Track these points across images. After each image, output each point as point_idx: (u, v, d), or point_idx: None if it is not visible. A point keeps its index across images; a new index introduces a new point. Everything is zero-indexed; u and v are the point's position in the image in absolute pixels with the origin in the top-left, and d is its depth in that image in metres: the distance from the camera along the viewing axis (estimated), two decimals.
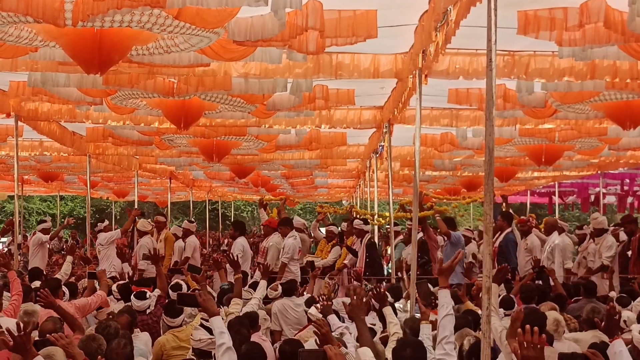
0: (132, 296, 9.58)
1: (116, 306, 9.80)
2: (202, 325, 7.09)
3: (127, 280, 11.53)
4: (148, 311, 9.57)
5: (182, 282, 10.58)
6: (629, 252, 14.53)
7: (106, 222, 18.65)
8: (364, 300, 6.31)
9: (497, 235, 14.34)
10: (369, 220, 15.65)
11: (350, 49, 8.50)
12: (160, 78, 10.01)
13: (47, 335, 6.73)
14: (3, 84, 11.42)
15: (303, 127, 13.58)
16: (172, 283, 10.44)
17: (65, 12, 6.21)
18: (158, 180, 27.48)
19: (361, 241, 15.14)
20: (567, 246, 15.00)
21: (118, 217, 38.98)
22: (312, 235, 19.46)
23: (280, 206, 18.99)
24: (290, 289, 10.89)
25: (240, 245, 14.86)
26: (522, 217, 17.48)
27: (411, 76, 9.35)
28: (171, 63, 8.29)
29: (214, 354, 6.54)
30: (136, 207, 18.65)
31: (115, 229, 18.50)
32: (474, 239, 16.95)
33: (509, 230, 14.41)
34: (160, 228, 17.22)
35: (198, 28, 6.87)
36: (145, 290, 9.86)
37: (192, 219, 20.07)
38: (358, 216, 17.71)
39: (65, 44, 7.18)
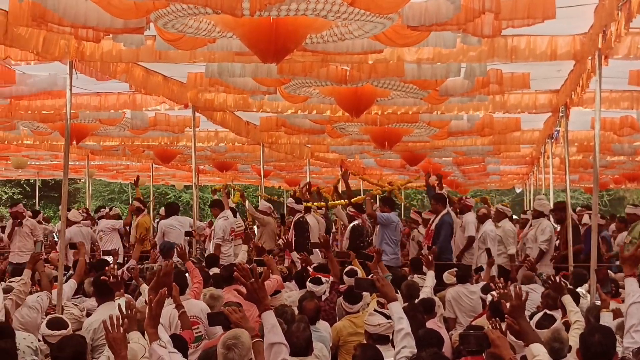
0: (307, 282, 9.66)
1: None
2: (376, 310, 7.11)
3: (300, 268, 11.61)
4: (324, 297, 9.64)
5: (356, 268, 10.61)
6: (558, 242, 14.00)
7: (107, 209, 18.34)
8: (523, 299, 6.10)
9: (434, 218, 13.95)
10: (301, 200, 15.62)
11: (526, 31, 8.29)
12: (333, 66, 10.07)
13: (222, 308, 6.90)
14: (181, 76, 11.78)
15: (476, 113, 13.38)
16: (346, 269, 10.47)
17: (243, 2, 6.30)
18: (329, 169, 27.73)
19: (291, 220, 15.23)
20: (508, 232, 14.13)
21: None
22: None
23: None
24: (464, 276, 10.76)
25: (161, 226, 14.66)
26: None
27: (590, 58, 9.05)
28: (344, 50, 8.31)
29: (391, 339, 6.54)
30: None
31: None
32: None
33: (444, 212, 13.74)
34: (137, 214, 17.18)
35: (372, 14, 6.85)
36: (320, 276, 9.93)
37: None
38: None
39: (242, 34, 7.29)
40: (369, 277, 8.60)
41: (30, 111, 13.41)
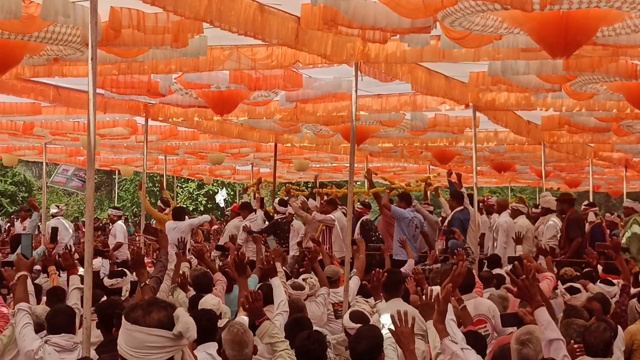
0: (597, 283, 9.40)
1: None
2: None
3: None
4: (614, 300, 9.32)
5: None
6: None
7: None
8: None
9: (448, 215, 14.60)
10: (287, 203, 15.93)
11: None
12: (623, 60, 9.67)
13: (516, 309, 6.84)
14: (462, 76, 11.73)
15: None
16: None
17: None
18: (612, 170, 26.75)
19: None
20: (520, 228, 13.74)
21: None
22: None
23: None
24: None
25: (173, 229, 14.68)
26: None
27: None
28: (638, 43, 7.97)
29: None
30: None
31: None
32: None
33: (458, 209, 14.20)
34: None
35: None
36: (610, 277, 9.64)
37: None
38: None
39: (531, 29, 7.16)
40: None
41: (313, 114, 13.88)
